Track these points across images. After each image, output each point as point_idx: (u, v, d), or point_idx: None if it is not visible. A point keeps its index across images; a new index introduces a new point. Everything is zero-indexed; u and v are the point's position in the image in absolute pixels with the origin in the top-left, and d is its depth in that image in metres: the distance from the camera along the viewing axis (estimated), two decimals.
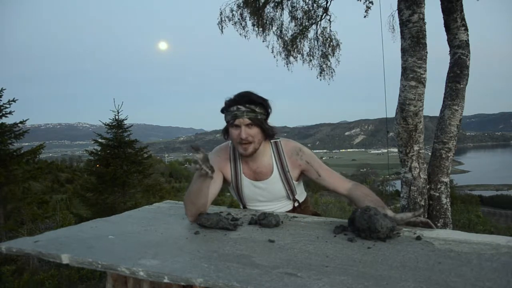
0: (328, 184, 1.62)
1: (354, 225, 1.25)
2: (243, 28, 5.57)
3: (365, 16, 4.98)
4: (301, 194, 1.80)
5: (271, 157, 1.67)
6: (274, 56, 5.86)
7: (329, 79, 6.01)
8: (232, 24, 5.55)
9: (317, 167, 1.63)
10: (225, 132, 1.62)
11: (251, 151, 1.57)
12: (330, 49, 5.81)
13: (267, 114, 1.60)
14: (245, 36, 5.67)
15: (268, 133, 1.61)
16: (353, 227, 1.25)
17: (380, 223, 1.18)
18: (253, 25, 5.52)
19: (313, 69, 5.97)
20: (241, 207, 1.83)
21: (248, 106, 1.51)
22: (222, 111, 1.60)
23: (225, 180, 1.73)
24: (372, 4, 4.81)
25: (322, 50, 5.84)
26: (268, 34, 5.67)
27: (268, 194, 1.70)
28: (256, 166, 1.66)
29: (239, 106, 1.52)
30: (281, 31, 5.68)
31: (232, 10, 5.49)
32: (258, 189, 1.69)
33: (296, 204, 1.77)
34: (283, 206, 1.75)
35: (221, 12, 5.51)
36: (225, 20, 5.53)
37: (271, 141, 1.68)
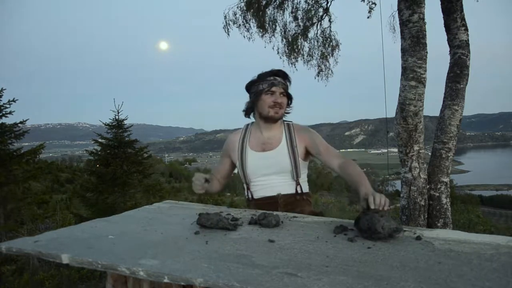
0: (324, 161, 1.77)
1: (358, 225, 1.25)
2: (247, 30, 5.58)
3: (368, 17, 4.97)
4: (304, 183, 1.82)
5: (282, 132, 1.84)
6: (280, 57, 5.86)
7: (326, 79, 6.01)
8: (237, 27, 5.56)
9: (318, 144, 1.79)
10: (251, 106, 1.84)
11: (281, 115, 1.78)
12: (329, 49, 5.80)
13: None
14: (249, 39, 5.68)
15: (289, 106, 1.85)
16: (357, 227, 1.25)
17: (381, 223, 1.18)
18: (257, 27, 5.52)
19: (311, 69, 5.97)
20: (244, 186, 1.88)
21: (283, 78, 1.78)
22: (252, 84, 1.81)
23: (234, 162, 1.91)
24: (375, 5, 4.80)
25: (321, 51, 5.84)
26: (273, 35, 5.67)
27: (273, 166, 1.77)
28: (267, 136, 1.82)
29: (276, 77, 1.76)
30: (284, 32, 5.68)
31: (235, 14, 5.49)
32: (263, 160, 1.78)
33: (299, 190, 1.78)
34: (285, 183, 1.78)
35: (225, 16, 5.52)
36: (229, 24, 5.54)
37: (284, 122, 1.87)
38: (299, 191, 1.79)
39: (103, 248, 1.16)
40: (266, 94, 1.76)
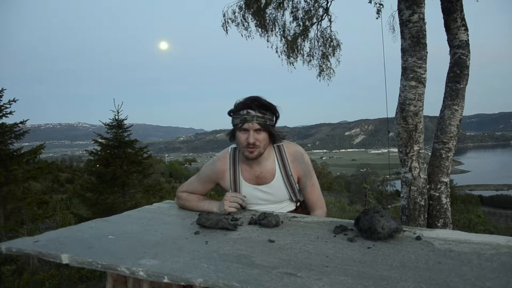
0: (306, 199, 1.76)
1: (358, 225, 1.25)
2: (246, 29, 5.58)
3: (377, 18, 4.95)
4: (301, 196, 1.80)
5: (274, 161, 1.68)
6: (279, 56, 5.86)
7: (329, 79, 6.01)
8: (235, 26, 5.56)
9: (308, 181, 1.71)
10: (232, 134, 1.63)
11: (256, 155, 1.58)
12: (330, 49, 5.80)
13: (275, 119, 1.62)
14: (247, 37, 5.67)
15: (275, 138, 1.63)
16: (357, 227, 1.25)
17: (381, 223, 1.18)
18: (256, 26, 5.52)
19: (313, 69, 5.97)
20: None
21: (258, 111, 1.53)
22: (230, 113, 1.61)
23: (223, 188, 1.76)
24: (382, 6, 4.80)
25: (322, 51, 5.84)
26: (271, 35, 5.67)
27: (271, 198, 1.70)
28: (259, 170, 1.67)
29: (249, 110, 1.53)
30: (283, 31, 5.68)
31: (234, 12, 5.49)
32: (260, 192, 1.69)
33: (298, 204, 1.78)
34: (285, 207, 1.76)
35: (224, 14, 5.51)
36: (228, 22, 5.54)
37: (274, 144, 1.68)
38: (298, 204, 1.78)
39: (103, 248, 1.16)
40: (239, 131, 1.57)
